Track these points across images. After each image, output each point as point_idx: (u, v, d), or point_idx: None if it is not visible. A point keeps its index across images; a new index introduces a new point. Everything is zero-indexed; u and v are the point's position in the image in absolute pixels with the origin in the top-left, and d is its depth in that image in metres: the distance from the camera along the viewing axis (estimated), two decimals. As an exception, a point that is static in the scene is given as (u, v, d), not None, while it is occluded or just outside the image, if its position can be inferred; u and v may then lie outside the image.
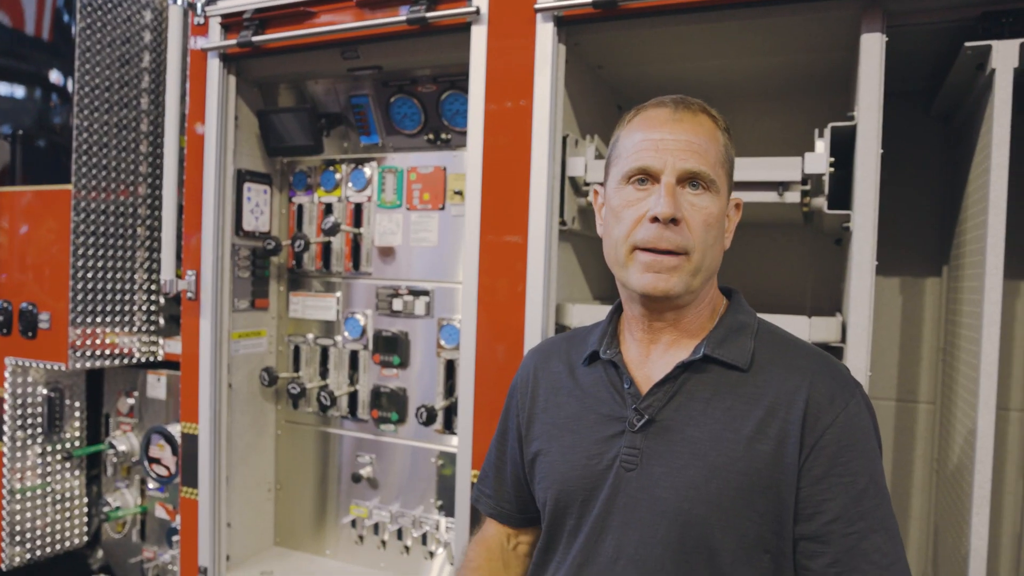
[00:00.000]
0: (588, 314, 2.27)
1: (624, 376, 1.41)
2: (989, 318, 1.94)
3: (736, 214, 1.46)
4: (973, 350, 2.07)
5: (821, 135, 2.13)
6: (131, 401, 3.35)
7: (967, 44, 1.95)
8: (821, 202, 2.13)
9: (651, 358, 1.42)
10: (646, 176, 1.33)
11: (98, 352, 3.08)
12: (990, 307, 1.94)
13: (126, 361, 3.19)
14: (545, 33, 2.21)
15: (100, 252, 3.05)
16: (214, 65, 2.69)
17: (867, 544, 1.23)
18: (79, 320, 2.99)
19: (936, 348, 2.72)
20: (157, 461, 3.16)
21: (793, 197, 2.14)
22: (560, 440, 1.47)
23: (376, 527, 2.81)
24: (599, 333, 1.52)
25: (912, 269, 2.74)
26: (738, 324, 1.41)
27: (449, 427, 2.68)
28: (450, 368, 2.67)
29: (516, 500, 1.66)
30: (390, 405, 2.76)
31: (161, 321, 3.30)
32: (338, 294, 2.89)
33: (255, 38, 2.57)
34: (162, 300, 3.29)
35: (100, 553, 3.56)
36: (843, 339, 2.07)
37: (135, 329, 3.21)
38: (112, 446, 3.30)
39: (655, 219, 1.29)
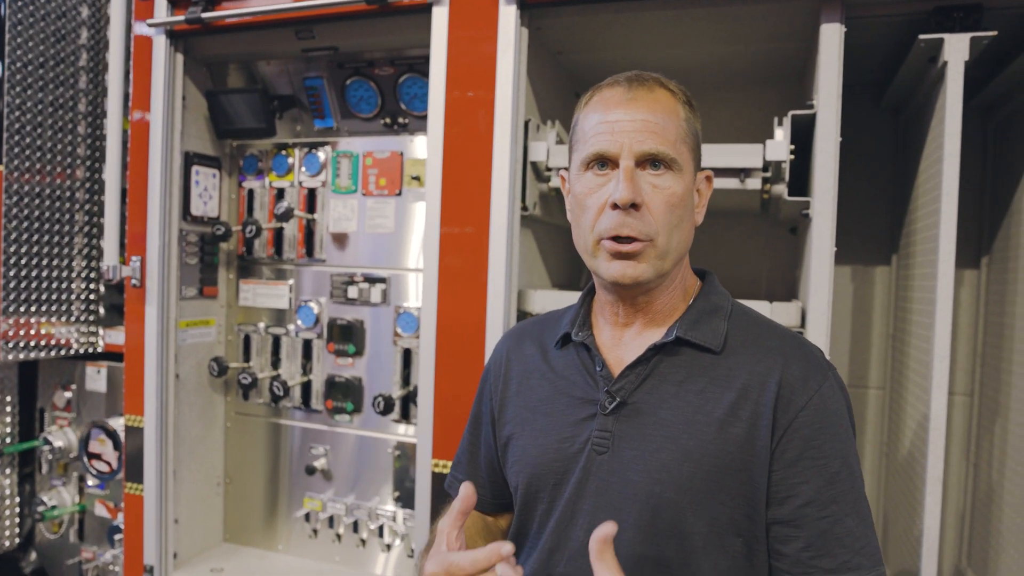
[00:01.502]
0: (550, 300, 2.26)
1: (596, 358, 1.39)
2: (942, 304, 2.00)
3: (707, 187, 1.42)
4: (925, 335, 2.12)
5: (780, 123, 2.16)
6: (68, 395, 3.20)
7: (921, 37, 2.00)
8: (781, 189, 2.16)
9: (623, 340, 1.40)
10: (605, 161, 1.30)
11: (32, 343, 2.93)
12: (943, 293, 2.00)
13: (63, 352, 3.05)
14: (508, 16, 2.18)
15: (35, 238, 2.90)
16: (160, 43, 2.59)
17: (840, 528, 1.22)
18: (11, 309, 2.84)
19: (886, 335, 2.80)
20: (97, 457, 3.03)
21: (754, 184, 2.16)
22: (532, 423, 1.45)
23: (331, 520, 2.75)
24: (571, 316, 1.50)
25: (863, 258, 2.81)
26: (711, 306, 1.40)
27: (406, 416, 2.63)
28: (407, 356, 2.62)
29: (490, 485, 1.63)
30: (345, 395, 2.69)
31: (101, 310, 3.16)
32: (291, 281, 2.81)
33: (204, 14, 2.47)
34: (102, 288, 3.15)
35: (33, 555, 3.39)
36: (802, 324, 2.10)
37: (73, 319, 3.07)
38: (47, 442, 3.15)
39: (615, 205, 1.26)
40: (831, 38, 2.02)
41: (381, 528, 2.67)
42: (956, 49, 1.97)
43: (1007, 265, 2.42)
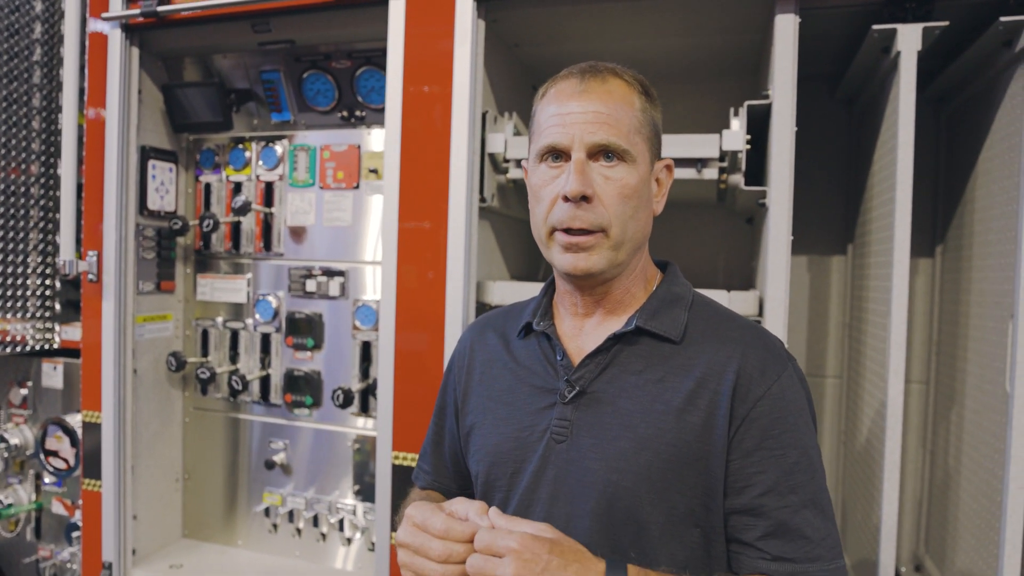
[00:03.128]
0: (509, 291, 2.26)
1: (557, 348, 1.40)
2: (898, 292, 2.02)
3: (668, 176, 1.42)
4: (882, 324, 2.14)
5: (736, 113, 2.18)
6: (24, 391, 3.15)
7: (874, 27, 2.02)
8: (738, 179, 2.18)
9: (584, 330, 1.41)
10: (558, 153, 1.30)
11: (-13, 340, 2.90)
12: (899, 281, 2.02)
13: (18, 349, 3.00)
14: (464, 8, 2.19)
15: (-11, 233, 2.86)
16: (115, 36, 2.56)
17: (799, 519, 1.22)
18: (-35, 306, 2.80)
19: (842, 324, 2.82)
20: (54, 454, 2.99)
21: (711, 174, 2.18)
22: (494, 412, 1.45)
23: (291, 515, 2.73)
24: (534, 306, 1.50)
25: (819, 248, 2.83)
26: (672, 296, 1.40)
27: (365, 410, 2.62)
28: (366, 349, 2.61)
29: (455, 475, 1.63)
30: (304, 389, 2.68)
31: (57, 307, 3.12)
32: (248, 275, 2.79)
33: (160, 8, 2.45)
34: (58, 285, 3.11)
35: (-10, 554, 3.35)
36: (760, 313, 2.12)
37: (28, 315, 3.02)
38: (3, 439, 3.10)
39: (567, 198, 1.27)
40: (785, 29, 2.04)
41: (341, 522, 2.66)
42: (909, 39, 2.00)
43: (960, 254, 2.45)
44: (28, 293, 3.02)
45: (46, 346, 3.10)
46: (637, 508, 1.26)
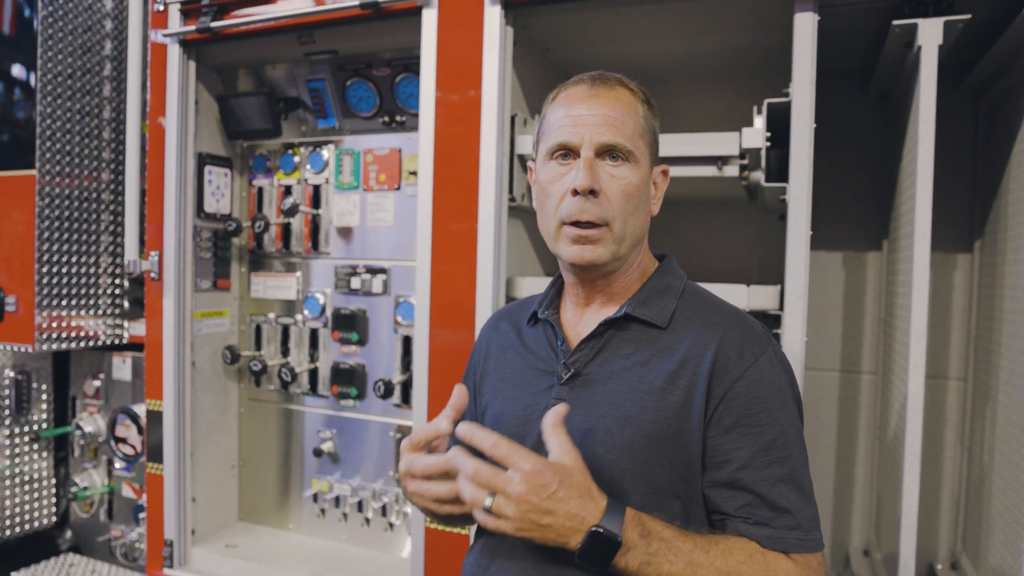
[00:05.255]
0: (537, 287, 2.34)
1: (559, 334, 1.51)
2: (918, 284, 2.03)
3: (664, 180, 1.53)
4: (906, 317, 2.15)
5: (760, 112, 2.21)
6: (97, 383, 3.39)
7: (894, 23, 2.03)
8: (759, 176, 2.21)
9: (584, 318, 1.52)
10: (568, 151, 1.41)
11: (64, 335, 3.12)
12: (919, 275, 2.03)
13: (92, 344, 3.24)
14: (493, 16, 2.28)
15: (65, 236, 3.09)
16: (174, 51, 2.74)
17: (775, 492, 1.30)
18: (45, 303, 3.03)
19: (877, 320, 2.81)
20: (123, 441, 3.21)
21: (732, 171, 2.22)
22: (504, 393, 1.57)
23: (337, 500, 2.88)
24: (542, 297, 1.62)
25: (854, 244, 2.83)
26: (663, 286, 1.50)
27: (407, 401, 2.74)
28: (407, 343, 2.74)
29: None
30: (349, 381, 2.82)
31: (126, 304, 3.35)
32: (298, 274, 2.95)
33: (213, 24, 2.63)
34: (127, 284, 3.34)
35: (68, 533, 3.60)
36: (780, 307, 2.15)
37: (100, 312, 3.25)
38: (79, 427, 3.35)
39: (575, 192, 1.37)
40: (804, 27, 2.06)
41: (384, 508, 2.79)
42: (929, 34, 2.00)
43: (996, 248, 2.43)
44: (100, 292, 3.25)
45: (116, 341, 3.33)
46: (620, 480, 1.35)
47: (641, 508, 1.33)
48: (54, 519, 3.54)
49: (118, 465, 3.35)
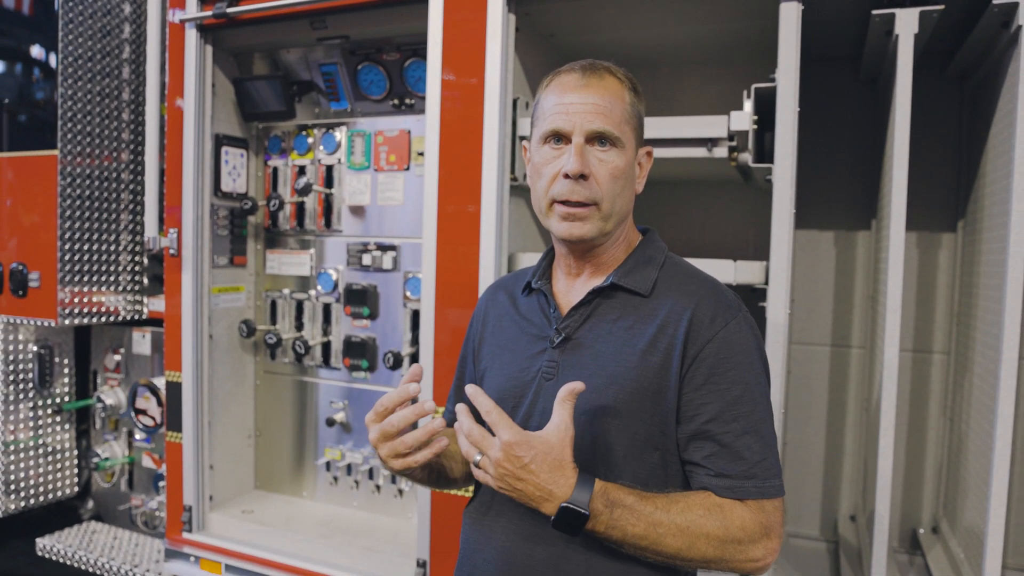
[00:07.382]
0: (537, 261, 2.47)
1: (551, 302, 1.65)
2: (894, 259, 2.16)
3: (648, 160, 1.66)
4: (885, 292, 2.28)
5: (749, 96, 2.33)
6: (117, 357, 3.54)
7: (874, 12, 2.15)
8: (746, 157, 2.33)
9: (574, 288, 1.66)
10: (560, 137, 1.54)
11: (86, 310, 3.27)
12: (895, 252, 2.16)
13: (112, 319, 3.38)
14: (495, 3, 2.39)
15: (86, 214, 3.23)
16: (191, 35, 2.86)
17: (739, 443, 1.44)
18: (67, 279, 3.17)
19: (866, 296, 2.93)
20: (143, 412, 3.36)
21: (721, 152, 2.34)
22: (500, 358, 1.71)
23: (349, 468, 3.02)
24: (535, 268, 1.75)
25: (845, 223, 2.95)
26: (645, 257, 1.64)
27: (416, 373, 2.87)
28: (416, 317, 2.86)
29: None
30: (361, 353, 2.96)
31: (145, 281, 3.49)
32: (312, 251, 3.09)
33: (229, 9, 2.75)
34: (146, 261, 3.47)
35: (90, 502, 3.76)
36: (766, 282, 2.27)
37: (120, 288, 3.39)
38: (100, 400, 3.50)
39: (567, 175, 1.50)
40: (789, 14, 2.17)
41: (394, 475, 2.92)
42: (906, 23, 2.13)
43: (976, 227, 2.54)
44: (120, 268, 3.39)
45: (136, 316, 3.47)
46: (605, 433, 1.49)
47: (624, 458, 1.48)
48: (76, 489, 3.70)
49: (138, 436, 3.50)
